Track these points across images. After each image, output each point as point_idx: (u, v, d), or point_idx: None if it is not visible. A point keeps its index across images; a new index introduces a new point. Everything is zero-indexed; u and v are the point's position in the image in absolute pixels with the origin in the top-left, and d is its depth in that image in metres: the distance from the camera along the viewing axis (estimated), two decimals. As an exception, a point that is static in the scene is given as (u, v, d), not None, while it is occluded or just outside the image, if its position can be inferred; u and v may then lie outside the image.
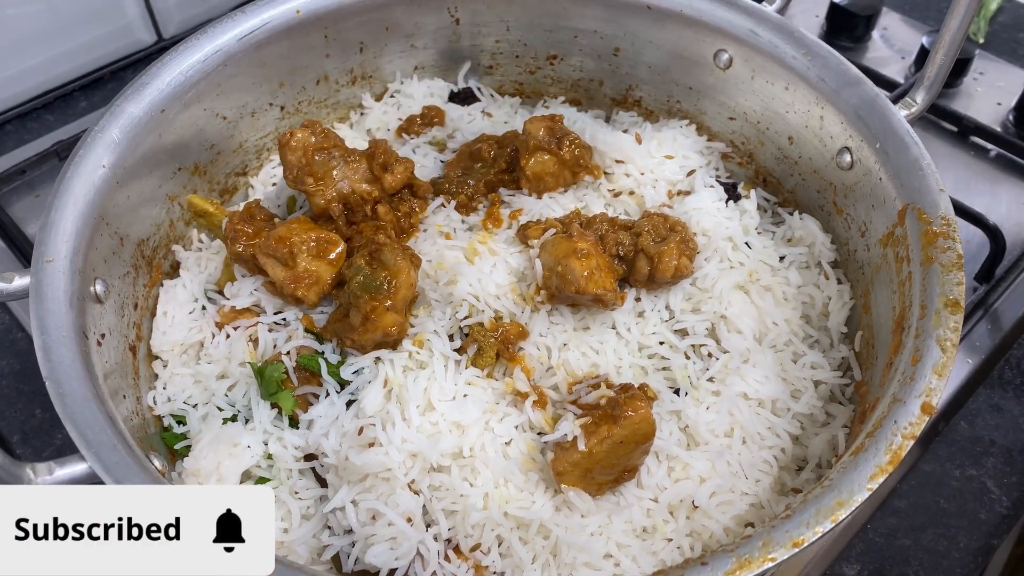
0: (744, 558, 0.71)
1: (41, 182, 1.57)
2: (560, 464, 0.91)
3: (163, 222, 1.13)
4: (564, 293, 0.99)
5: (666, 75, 1.27)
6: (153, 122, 1.06)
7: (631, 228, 1.06)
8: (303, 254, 1.02)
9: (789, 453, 0.98)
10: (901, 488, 1.23)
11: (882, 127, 1.02)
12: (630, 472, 0.93)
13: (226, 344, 1.04)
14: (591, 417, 0.91)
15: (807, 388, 1.01)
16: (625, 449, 0.90)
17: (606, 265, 1.01)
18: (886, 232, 1.00)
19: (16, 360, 1.36)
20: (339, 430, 0.94)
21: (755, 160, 1.25)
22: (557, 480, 0.92)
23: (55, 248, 0.91)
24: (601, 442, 0.89)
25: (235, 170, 1.24)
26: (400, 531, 0.88)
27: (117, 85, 1.75)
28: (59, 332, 0.84)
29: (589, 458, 0.90)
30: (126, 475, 0.75)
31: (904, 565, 1.16)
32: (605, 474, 0.92)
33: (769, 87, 1.16)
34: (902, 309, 0.92)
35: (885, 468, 0.76)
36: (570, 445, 0.90)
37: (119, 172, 1.01)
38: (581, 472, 0.91)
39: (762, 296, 1.05)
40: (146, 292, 1.09)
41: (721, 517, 0.91)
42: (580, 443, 0.89)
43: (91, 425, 0.78)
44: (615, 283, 1.01)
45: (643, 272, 1.03)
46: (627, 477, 0.93)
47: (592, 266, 0.98)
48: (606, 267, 1.00)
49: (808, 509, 0.74)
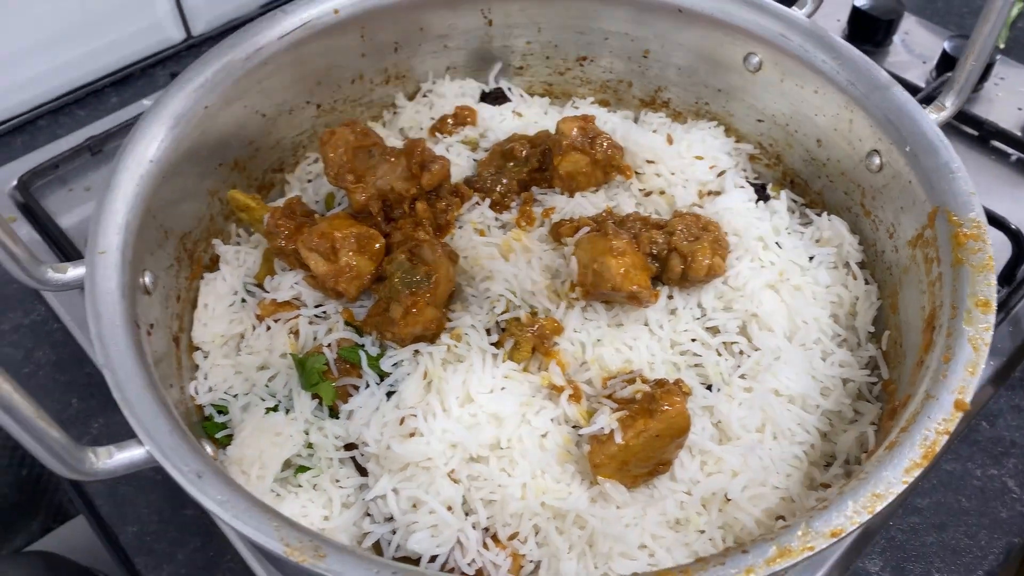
0: (784, 546, 0.73)
1: (73, 176, 1.60)
2: (597, 456, 0.93)
3: (204, 216, 1.15)
4: (599, 290, 1.02)
5: (695, 77, 1.29)
6: (197, 118, 1.08)
7: (664, 227, 1.09)
8: (345, 249, 1.04)
9: (818, 449, 1.01)
10: (923, 487, 1.25)
11: (912, 131, 1.04)
12: (664, 465, 0.95)
13: (267, 336, 1.07)
14: (627, 411, 0.93)
15: (836, 386, 1.03)
16: (661, 443, 0.92)
17: (641, 263, 1.03)
18: (915, 234, 1.02)
19: (52, 351, 1.38)
20: (380, 420, 0.97)
21: (783, 162, 1.27)
22: (593, 472, 0.94)
23: (107, 240, 0.93)
24: (637, 435, 0.91)
25: (272, 166, 1.26)
26: (441, 519, 0.90)
27: (147, 81, 1.78)
28: (113, 321, 0.87)
29: (625, 451, 0.92)
30: (183, 460, 0.77)
31: (926, 562, 1.18)
32: (640, 467, 0.94)
33: (799, 90, 1.18)
34: (932, 309, 0.94)
35: (920, 463, 0.78)
36: (606, 438, 0.93)
37: (165, 167, 1.04)
38: (617, 464, 0.93)
39: (792, 295, 1.07)
40: (188, 284, 1.11)
41: (753, 510, 0.94)
42: (617, 436, 0.91)
43: (147, 411, 0.80)
44: (649, 281, 1.03)
45: (676, 271, 1.05)
46: (661, 470, 0.96)
47: (628, 264, 1.00)
48: (641, 265, 1.02)
49: (845, 501, 0.76)
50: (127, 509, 1.23)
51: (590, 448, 0.94)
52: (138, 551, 1.18)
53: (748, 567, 0.72)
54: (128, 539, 1.20)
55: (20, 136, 1.68)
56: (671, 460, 0.96)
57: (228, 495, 0.75)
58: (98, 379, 1.35)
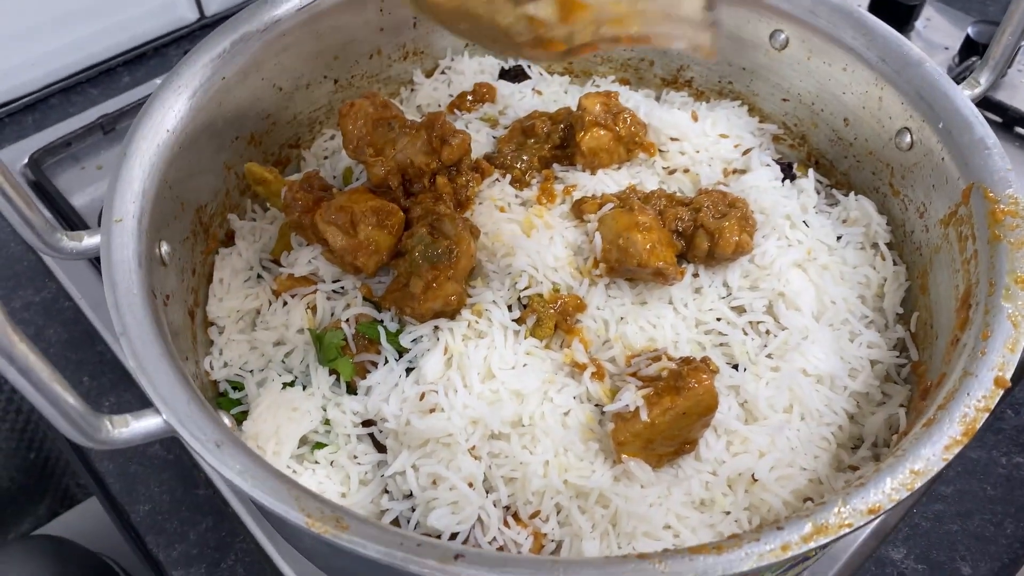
0: (821, 523, 0.71)
1: (86, 154, 1.58)
2: (621, 434, 0.91)
3: (220, 190, 1.13)
4: (624, 266, 0.99)
5: (719, 55, 1.27)
6: (214, 89, 1.06)
7: (689, 204, 1.06)
8: (364, 223, 1.02)
9: (846, 431, 0.98)
10: (947, 474, 1.23)
11: (945, 107, 1.02)
12: (690, 444, 0.93)
13: (283, 311, 1.05)
14: (653, 388, 0.91)
15: (864, 367, 1.01)
16: (687, 420, 0.90)
17: (667, 239, 1.01)
18: (948, 212, 1.00)
19: (63, 329, 1.37)
20: (399, 396, 0.95)
21: (808, 142, 1.25)
22: (617, 450, 0.92)
23: (123, 208, 0.91)
24: (664, 413, 0.89)
25: (288, 142, 1.24)
26: (462, 495, 0.88)
27: (160, 61, 1.76)
28: (130, 290, 0.85)
29: (651, 429, 0.90)
30: (201, 429, 0.75)
31: (951, 550, 1.16)
32: (666, 445, 0.92)
33: (826, 68, 1.16)
34: (967, 287, 0.92)
35: (960, 440, 0.76)
36: (631, 415, 0.91)
37: (181, 137, 1.02)
38: (642, 443, 0.91)
39: (820, 275, 1.05)
40: (203, 259, 1.10)
41: (780, 491, 0.91)
42: (643, 413, 0.89)
43: (165, 380, 0.79)
44: (675, 257, 1.01)
45: (702, 248, 1.03)
46: (687, 450, 0.93)
47: (654, 239, 0.98)
48: (667, 241, 1.00)
49: (883, 478, 0.74)
50: (138, 488, 1.21)
51: (614, 426, 0.92)
52: (150, 530, 1.17)
53: (784, 543, 0.70)
54: (140, 518, 1.18)
55: (31, 114, 1.66)
56: (696, 439, 0.93)
57: (247, 465, 0.73)
58: (109, 357, 1.34)
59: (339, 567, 0.91)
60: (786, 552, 0.69)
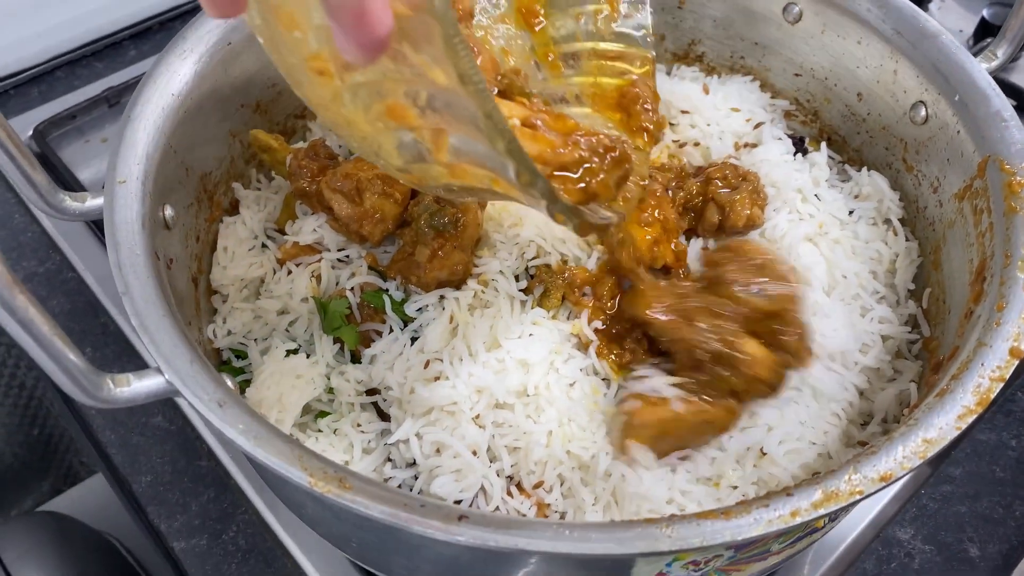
0: (831, 490, 0.69)
1: (91, 127, 1.57)
2: (645, 415, 0.87)
3: (224, 158, 1.12)
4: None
5: (731, 29, 1.25)
6: (220, 54, 1.05)
7: (699, 176, 1.05)
8: (370, 191, 1.01)
9: (856, 407, 0.97)
10: (956, 456, 1.22)
11: (961, 79, 1.00)
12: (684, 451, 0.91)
13: (288, 280, 1.04)
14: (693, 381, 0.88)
15: (875, 342, 1.00)
16: (706, 429, 0.88)
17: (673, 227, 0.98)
18: (963, 186, 0.98)
19: (66, 300, 1.36)
20: (404, 364, 0.94)
21: (820, 118, 1.23)
22: (626, 432, 0.88)
23: (127, 170, 0.90)
24: (696, 413, 0.87)
25: (295, 112, 1.23)
26: (466, 463, 0.87)
27: (166, 35, 1.75)
28: (133, 251, 0.84)
29: (676, 422, 0.87)
30: (204, 388, 0.74)
31: (959, 531, 1.15)
32: (672, 444, 0.90)
33: (840, 42, 1.14)
34: (982, 260, 0.90)
35: (974, 409, 0.74)
36: (659, 401, 0.88)
37: (187, 102, 1.00)
38: (657, 432, 0.88)
39: (832, 249, 1.03)
40: (207, 226, 1.09)
41: (789, 465, 0.90)
42: (676, 404, 0.87)
43: (167, 339, 0.78)
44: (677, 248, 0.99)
45: (712, 221, 1.02)
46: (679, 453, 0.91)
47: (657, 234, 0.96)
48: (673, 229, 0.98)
49: (895, 446, 0.72)
50: (140, 459, 1.21)
51: (640, 405, 0.88)
52: (151, 500, 1.16)
53: (794, 509, 0.68)
54: (142, 489, 1.17)
55: (37, 86, 1.65)
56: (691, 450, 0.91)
57: (250, 424, 0.72)
58: (113, 328, 1.33)
59: (341, 533, 0.90)
60: (795, 518, 0.68)
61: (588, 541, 0.66)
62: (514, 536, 0.66)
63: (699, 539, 0.67)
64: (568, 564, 0.79)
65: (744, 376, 0.87)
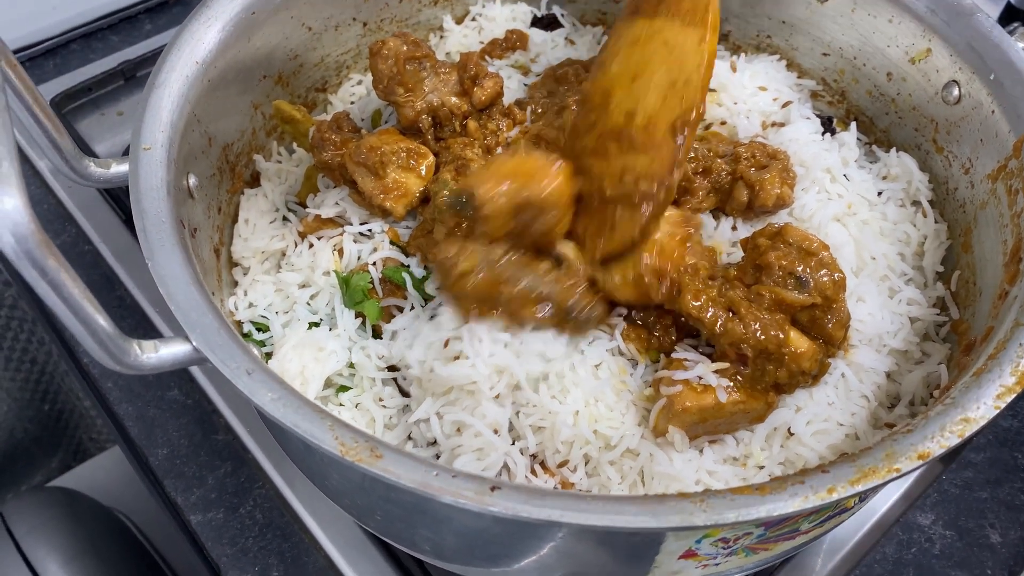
0: (867, 468, 0.68)
1: (107, 100, 1.56)
2: (688, 400, 0.86)
3: (246, 129, 1.11)
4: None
5: (758, 8, 1.23)
6: (243, 23, 1.04)
7: (728, 155, 1.03)
8: (393, 165, 1.00)
9: (884, 389, 0.96)
10: (978, 442, 1.21)
11: (997, 58, 0.98)
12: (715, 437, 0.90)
13: (309, 253, 1.03)
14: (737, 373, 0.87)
15: (904, 324, 0.99)
16: (742, 419, 0.88)
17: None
18: (997, 166, 0.97)
19: (83, 273, 1.35)
20: (424, 342, 0.93)
21: (847, 98, 1.21)
22: (667, 416, 0.87)
23: (152, 137, 0.89)
24: (735, 404, 0.86)
25: (315, 85, 1.22)
26: (487, 441, 0.86)
27: (182, 10, 1.74)
28: (159, 218, 0.83)
29: (716, 411, 0.86)
30: (231, 356, 0.73)
31: (980, 517, 1.14)
32: (706, 431, 0.89)
33: (871, 20, 1.12)
34: (1017, 241, 0.89)
35: (1013, 388, 0.73)
36: (703, 389, 0.86)
37: (210, 70, 0.99)
38: (698, 420, 0.87)
39: (860, 229, 1.02)
40: (228, 198, 1.08)
41: (817, 446, 0.89)
42: (721, 394, 0.86)
43: (194, 307, 0.77)
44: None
45: (741, 200, 1.00)
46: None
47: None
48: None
49: (932, 424, 0.71)
50: (157, 432, 1.20)
51: (682, 390, 0.86)
52: (168, 473, 1.16)
53: (830, 487, 0.67)
54: (158, 461, 1.17)
55: (52, 59, 1.64)
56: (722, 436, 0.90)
57: (281, 393, 0.71)
58: (129, 302, 1.32)
59: (365, 505, 0.89)
60: (831, 495, 0.67)
61: (623, 514, 0.65)
62: (548, 507, 0.65)
63: (734, 514, 0.66)
64: (595, 539, 0.78)
65: (789, 371, 0.86)
